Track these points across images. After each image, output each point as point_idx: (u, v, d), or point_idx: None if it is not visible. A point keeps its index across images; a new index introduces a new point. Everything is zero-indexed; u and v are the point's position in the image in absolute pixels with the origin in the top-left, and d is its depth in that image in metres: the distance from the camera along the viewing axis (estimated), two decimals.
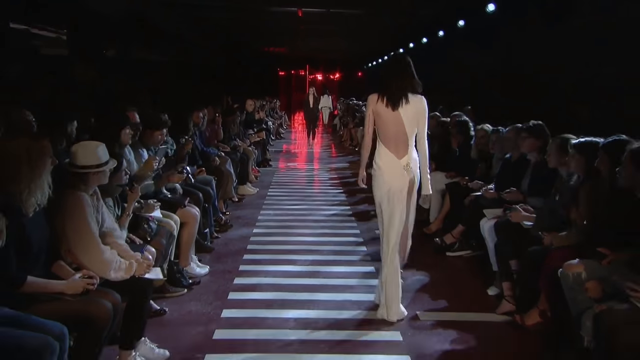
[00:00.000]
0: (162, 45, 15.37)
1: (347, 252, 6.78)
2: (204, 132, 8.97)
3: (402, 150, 4.70)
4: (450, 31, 13.93)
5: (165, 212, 5.39)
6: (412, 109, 4.66)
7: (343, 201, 9.69)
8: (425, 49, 16.66)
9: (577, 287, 3.82)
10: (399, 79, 4.67)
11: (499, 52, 11.40)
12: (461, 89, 13.47)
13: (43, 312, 3.22)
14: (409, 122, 4.66)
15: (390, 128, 4.69)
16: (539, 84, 9.42)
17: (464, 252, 6.61)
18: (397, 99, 4.65)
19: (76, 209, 3.75)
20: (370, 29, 18.08)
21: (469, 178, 7.02)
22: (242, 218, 8.36)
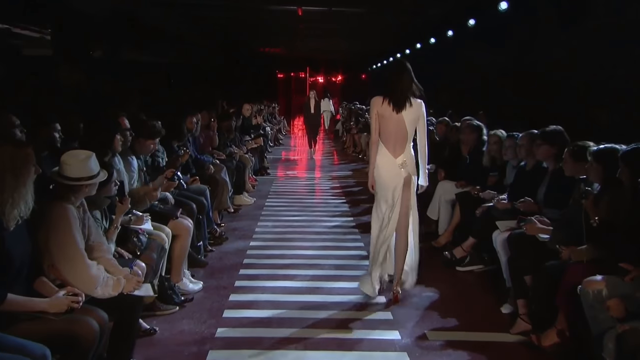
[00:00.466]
0: (153, 46, 15.39)
1: (351, 267, 6.75)
2: (198, 138, 8.97)
3: (399, 149, 5.43)
4: (460, 31, 13.93)
5: (156, 224, 5.38)
6: (414, 112, 5.38)
7: (346, 212, 9.67)
8: (434, 49, 16.67)
9: (598, 305, 3.80)
10: (402, 83, 5.36)
11: (511, 52, 11.39)
12: (472, 91, 13.47)
13: (24, 332, 3.19)
14: (410, 124, 5.39)
15: (392, 129, 5.39)
16: (553, 85, 9.42)
17: (475, 267, 6.59)
18: (402, 102, 5.34)
19: (61, 222, 3.74)
20: (374, 28, 18.09)
21: (481, 187, 7.01)
22: (238, 230, 8.34)
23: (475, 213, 6.57)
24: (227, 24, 17.33)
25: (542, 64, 10.05)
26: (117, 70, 12.94)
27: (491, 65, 12.41)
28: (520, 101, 10.43)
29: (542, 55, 10.08)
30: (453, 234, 7.31)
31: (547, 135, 5.69)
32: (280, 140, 21.78)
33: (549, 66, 9.72)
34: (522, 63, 10.90)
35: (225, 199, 8.73)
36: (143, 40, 14.30)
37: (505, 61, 11.68)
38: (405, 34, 18.35)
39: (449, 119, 9.48)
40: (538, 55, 10.25)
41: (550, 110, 8.88)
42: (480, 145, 7.59)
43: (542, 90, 9.67)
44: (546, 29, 9.87)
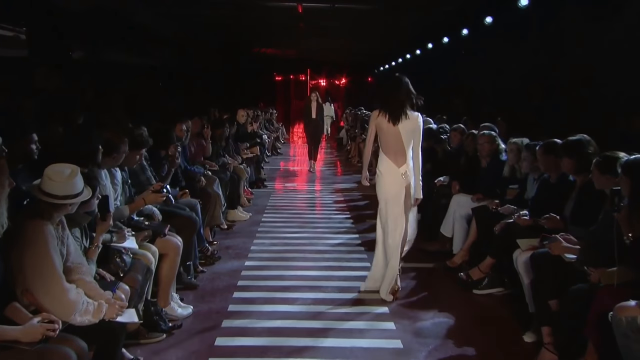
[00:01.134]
0: (139, 47, 15.42)
1: (356, 290, 6.70)
2: (188, 147, 8.96)
3: (401, 159, 6.28)
4: (476, 29, 13.95)
5: (142, 243, 5.34)
6: (410, 124, 6.22)
7: (350, 228, 9.65)
8: (447, 49, 16.71)
9: (632, 334, 3.75)
10: (399, 98, 6.23)
11: (533, 52, 11.39)
12: (489, 95, 13.46)
13: None
14: (406, 136, 6.22)
15: (390, 140, 6.28)
16: (579, 89, 9.40)
17: (494, 290, 6.56)
18: (397, 116, 6.20)
19: (37, 241, 3.72)
20: (381, 27, 18.11)
21: (499, 201, 6.99)
22: (232, 249, 8.32)
23: (493, 230, 6.54)
24: (221, 22, 17.38)
25: (567, 66, 10.04)
26: (100, 72, 12.95)
27: (510, 67, 12.41)
28: (542, 106, 10.41)
29: (567, 56, 10.07)
30: (469, 253, 7.29)
31: (566, 147, 5.68)
32: (278, 149, 21.79)
33: (574, 68, 9.71)
34: (544, 64, 10.90)
35: (218, 214, 8.70)
36: (128, 40, 14.33)
37: (526, 62, 11.68)
38: (416, 33, 18.40)
39: (464, 126, 9.46)
40: (562, 56, 10.25)
41: (577, 116, 8.86)
42: (498, 155, 7.58)
43: (568, 94, 9.65)
44: (571, 27, 9.87)
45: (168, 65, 18.31)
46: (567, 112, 9.51)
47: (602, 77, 8.92)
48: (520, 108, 11.17)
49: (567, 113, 9.47)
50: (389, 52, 25.03)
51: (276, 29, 19.39)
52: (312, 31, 19.37)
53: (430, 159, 9.91)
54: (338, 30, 18.85)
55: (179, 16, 16.09)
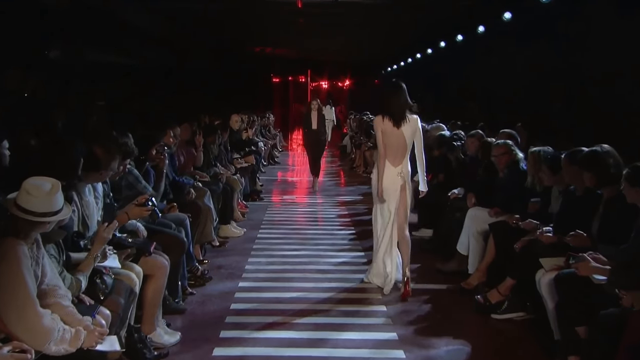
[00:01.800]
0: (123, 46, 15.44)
1: (362, 314, 6.69)
2: (176, 156, 8.94)
3: (399, 160, 7.35)
4: (494, 26, 13.97)
5: (124, 262, 5.32)
6: (411, 126, 7.31)
7: (355, 246, 9.62)
8: (461, 48, 16.72)
9: None
10: (399, 102, 7.30)
11: (557, 52, 11.39)
12: (507, 98, 13.45)
13: None
14: (409, 137, 7.30)
15: (394, 143, 7.30)
16: (608, 91, 9.39)
17: (515, 315, 6.50)
18: (400, 119, 7.25)
19: (9, 262, 3.69)
20: (389, 24, 18.13)
21: (520, 216, 6.94)
22: (225, 268, 8.29)
23: (513, 248, 6.50)
24: (213, 18, 17.40)
25: (595, 66, 10.03)
26: (79, 74, 12.95)
27: (532, 68, 12.41)
28: (566, 111, 10.39)
29: (595, 55, 10.06)
30: (487, 273, 7.24)
31: (582, 161, 5.70)
32: (275, 158, 21.80)
33: (601, 69, 9.70)
34: (570, 65, 10.89)
35: (209, 230, 8.67)
36: (111, 39, 14.34)
37: (550, 63, 11.68)
38: (427, 30, 18.41)
39: (482, 132, 9.44)
40: (590, 55, 10.23)
41: (606, 122, 8.84)
42: (517, 165, 7.56)
43: (595, 98, 9.63)
44: (600, 24, 9.86)
45: (154, 65, 18.34)
46: (593, 118, 9.49)
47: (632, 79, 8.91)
48: (542, 113, 11.16)
49: (593, 119, 9.45)
50: (397, 51, 25.06)
51: (273, 26, 19.41)
52: (313, 28, 19.39)
53: (443, 169, 9.92)
54: (341, 27, 18.89)
55: (166, 12, 16.13)
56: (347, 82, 40.39)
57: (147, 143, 7.18)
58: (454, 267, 8.02)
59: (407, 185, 7.43)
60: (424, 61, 21.87)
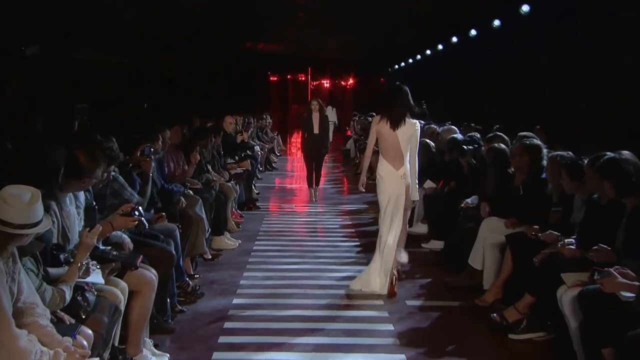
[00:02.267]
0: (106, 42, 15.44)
1: (366, 333, 6.67)
2: (165, 161, 8.92)
3: (399, 163, 7.92)
4: (510, 19, 13.98)
5: (108, 277, 5.29)
6: (408, 131, 7.87)
7: (360, 259, 9.60)
8: (474, 43, 16.73)
9: None
10: (399, 106, 7.89)
11: (580, 47, 11.38)
12: (525, 98, 13.45)
13: None
14: (404, 141, 7.86)
15: (390, 145, 7.91)
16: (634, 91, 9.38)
17: (535, 335, 6.47)
18: (397, 122, 7.82)
19: None
20: (396, 17, 18.16)
21: (540, 227, 6.92)
22: (218, 283, 8.28)
23: (533, 262, 6.46)
24: (205, 12, 17.43)
25: (622, 63, 10.01)
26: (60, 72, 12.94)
27: (551, 66, 12.40)
28: (592, 112, 10.37)
29: (623, 51, 10.04)
30: (503, 289, 7.22)
31: (600, 169, 5.71)
32: (273, 163, 21.80)
33: (629, 67, 9.68)
34: (594, 62, 10.88)
35: (201, 242, 8.65)
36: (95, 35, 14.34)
37: (571, 60, 11.66)
38: (437, 25, 18.43)
39: None
40: (616, 51, 10.22)
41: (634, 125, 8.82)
42: (538, 171, 7.54)
43: (623, 98, 9.61)
44: (627, 18, 9.84)
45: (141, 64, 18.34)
46: (624, 120, 9.46)
47: None
48: (564, 114, 11.14)
49: (625, 120, 9.42)
50: (404, 47, 25.09)
51: (271, 20, 19.45)
52: (314, 22, 19.42)
53: (455, 175, 9.90)
54: (344, 21, 18.91)
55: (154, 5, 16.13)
56: (351, 81, 40.45)
57: (132, 146, 7.17)
58: (467, 282, 8.00)
59: (410, 189, 8.01)
60: (434, 58, 21.90)
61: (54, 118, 8.59)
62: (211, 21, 19.33)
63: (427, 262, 9.27)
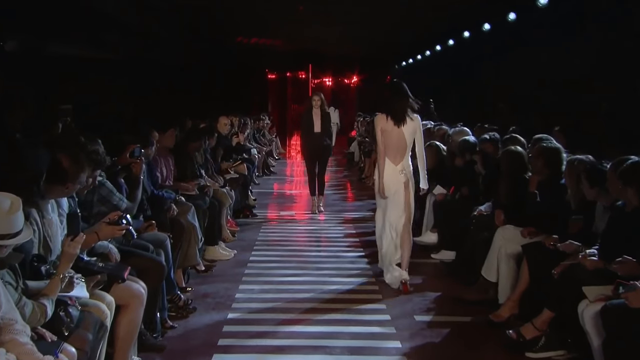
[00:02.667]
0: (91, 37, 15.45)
1: (372, 351, 6.67)
2: (157, 166, 8.92)
3: (399, 158, 8.65)
4: (527, 13, 13.97)
5: (94, 291, 5.28)
6: (412, 126, 8.62)
7: (365, 270, 9.61)
8: (488, 39, 16.71)
9: None
10: (401, 102, 8.58)
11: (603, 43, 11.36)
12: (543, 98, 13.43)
13: None
14: (409, 136, 8.61)
15: (394, 141, 8.61)
16: None
17: (554, 353, 6.46)
18: (401, 118, 8.55)
19: None
20: (404, 10, 18.17)
21: (559, 236, 6.92)
22: (212, 297, 8.27)
23: (552, 274, 6.46)
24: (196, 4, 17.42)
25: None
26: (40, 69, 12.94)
27: (572, 62, 12.38)
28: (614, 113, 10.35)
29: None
30: (520, 303, 7.20)
31: (622, 174, 5.75)
32: (271, 167, 21.82)
33: None
34: (618, 58, 10.85)
35: (194, 252, 8.65)
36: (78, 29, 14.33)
37: (594, 57, 11.65)
38: (448, 18, 18.42)
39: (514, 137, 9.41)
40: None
41: None
42: (557, 176, 7.53)
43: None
44: None
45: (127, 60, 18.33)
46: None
47: None
48: (586, 115, 11.12)
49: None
50: (412, 42, 25.08)
51: (268, 14, 19.45)
52: (315, 16, 19.43)
53: (467, 181, 9.88)
54: (348, 14, 18.90)
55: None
56: (355, 78, 40.43)
57: (119, 148, 7.16)
58: (480, 296, 7.98)
59: (410, 183, 8.70)
60: (443, 54, 21.88)
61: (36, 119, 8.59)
62: (203, 14, 19.34)
63: (437, 274, 9.27)
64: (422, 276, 9.01)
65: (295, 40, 27.97)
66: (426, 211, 10.86)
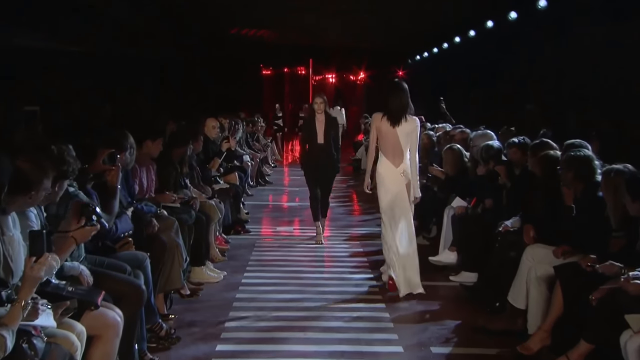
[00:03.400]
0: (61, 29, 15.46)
1: None
2: (134, 176, 8.91)
3: (399, 159, 9.48)
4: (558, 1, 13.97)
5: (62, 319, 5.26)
6: (407, 127, 9.43)
7: (374, 294, 9.62)
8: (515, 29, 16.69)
9: None
10: (399, 102, 9.41)
11: None
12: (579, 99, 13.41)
13: None
14: (404, 137, 9.42)
15: (389, 142, 9.48)
16: None
17: None
18: (397, 118, 9.38)
19: None
20: None
21: (598, 256, 6.88)
22: (198, 325, 8.26)
23: (589, 300, 6.41)
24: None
25: None
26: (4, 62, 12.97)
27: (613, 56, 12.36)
28: None
29: None
30: (552, 334, 7.16)
31: None
32: (266, 176, 21.84)
33: None
34: None
35: (177, 274, 8.64)
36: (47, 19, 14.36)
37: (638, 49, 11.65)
38: (469, 6, 18.43)
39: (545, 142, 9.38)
40: None
41: None
42: (593, 188, 7.51)
43: None
44: None
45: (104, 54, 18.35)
46: None
47: None
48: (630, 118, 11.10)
49: None
50: (427, 34, 25.12)
51: (263, 2, 19.49)
52: (316, 5, 19.46)
53: (492, 192, 9.85)
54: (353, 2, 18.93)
55: None
56: (362, 75, 40.51)
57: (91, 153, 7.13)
58: (507, 325, 7.97)
59: (411, 185, 9.59)
60: (463, 47, 21.89)
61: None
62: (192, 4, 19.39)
63: (457, 300, 9.24)
64: (439, 301, 8.99)
65: (293, 31, 28.02)
66: (444, 227, 10.86)
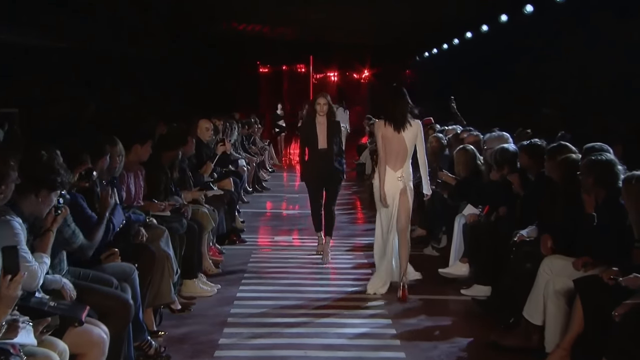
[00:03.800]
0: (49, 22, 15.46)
1: None
2: (122, 182, 8.91)
3: (399, 164, 10.16)
4: None
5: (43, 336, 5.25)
6: (412, 131, 10.10)
7: (379, 309, 9.61)
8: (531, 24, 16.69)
9: None
10: (401, 107, 10.07)
11: None
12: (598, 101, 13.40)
13: None
14: (409, 142, 10.09)
15: (395, 148, 10.10)
16: None
17: None
18: (401, 124, 10.02)
19: None
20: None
21: (620, 268, 6.86)
22: (190, 342, 8.26)
23: (612, 315, 6.41)
24: None
25: None
26: None
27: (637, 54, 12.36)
28: None
29: None
30: (572, 352, 7.16)
31: None
32: (263, 181, 21.82)
33: None
34: None
35: (167, 288, 8.63)
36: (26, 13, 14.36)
37: None
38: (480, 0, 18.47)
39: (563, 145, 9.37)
40: None
41: None
42: (615, 195, 7.50)
43: None
44: None
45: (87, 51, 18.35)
46: None
47: None
48: None
49: None
50: (436, 30, 25.13)
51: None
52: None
53: (506, 199, 9.83)
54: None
55: None
56: (366, 73, 40.55)
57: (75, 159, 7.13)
58: (522, 342, 7.96)
59: (408, 189, 10.28)
60: (473, 43, 21.88)
61: None
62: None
63: (469, 315, 9.23)
64: (449, 317, 8.98)
65: (293, 26, 28.06)
66: (454, 236, 10.85)
